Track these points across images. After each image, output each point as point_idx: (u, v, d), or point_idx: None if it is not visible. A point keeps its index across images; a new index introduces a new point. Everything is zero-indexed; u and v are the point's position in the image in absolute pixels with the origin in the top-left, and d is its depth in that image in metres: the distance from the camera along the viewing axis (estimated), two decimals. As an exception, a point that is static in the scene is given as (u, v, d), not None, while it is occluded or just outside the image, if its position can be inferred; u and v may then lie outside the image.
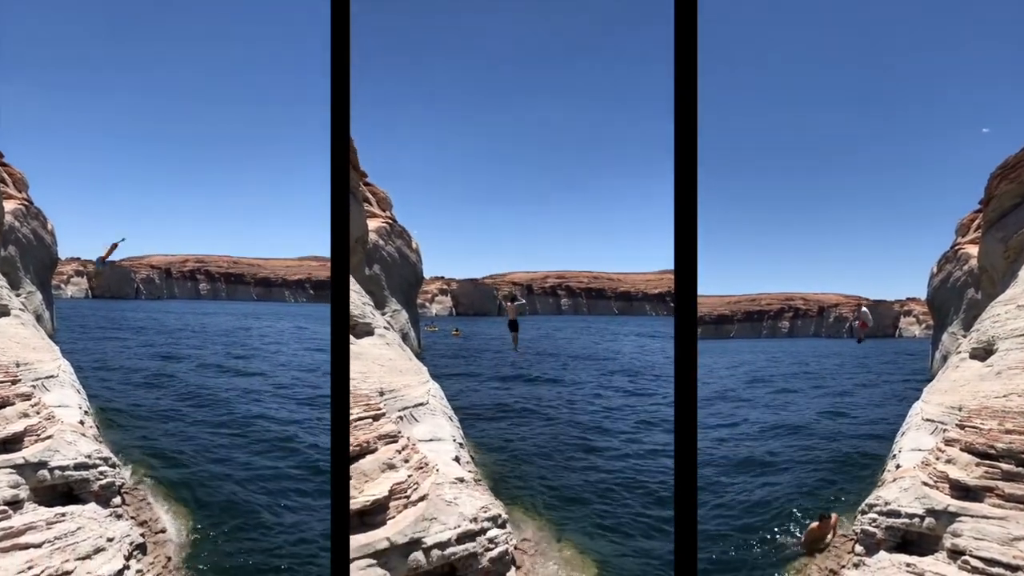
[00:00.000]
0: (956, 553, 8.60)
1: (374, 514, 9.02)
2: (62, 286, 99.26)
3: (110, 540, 9.19)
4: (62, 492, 10.10)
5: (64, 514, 9.30)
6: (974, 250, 26.76)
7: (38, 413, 11.21)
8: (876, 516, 9.83)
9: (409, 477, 9.95)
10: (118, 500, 10.73)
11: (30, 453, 10.04)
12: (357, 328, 15.64)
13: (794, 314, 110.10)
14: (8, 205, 27.60)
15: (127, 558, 9.20)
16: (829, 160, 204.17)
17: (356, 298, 16.82)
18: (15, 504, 9.06)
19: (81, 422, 12.53)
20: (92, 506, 10.03)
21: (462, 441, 13.86)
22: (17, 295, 23.48)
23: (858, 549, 9.92)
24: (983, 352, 14.01)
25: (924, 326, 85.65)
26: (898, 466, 11.75)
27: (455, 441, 13.07)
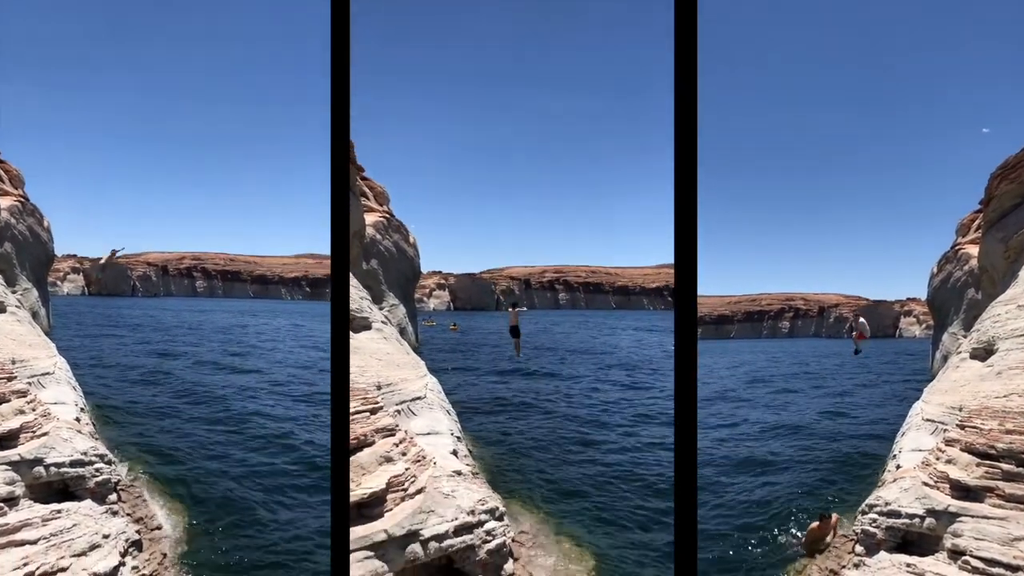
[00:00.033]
0: (956, 553, 8.57)
1: (372, 506, 8.99)
2: (58, 283, 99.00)
3: (106, 537, 9.14)
4: (58, 489, 10.05)
5: (60, 511, 9.24)
6: (974, 250, 26.76)
7: (34, 410, 11.15)
8: (876, 516, 9.79)
9: (407, 470, 9.92)
10: (114, 497, 10.68)
11: (26, 450, 9.99)
12: (355, 322, 15.61)
13: (794, 314, 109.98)
14: (4, 202, 27.48)
15: (123, 555, 9.15)
16: (829, 160, 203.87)
17: (354, 292, 16.78)
18: (11, 501, 9.01)
19: (77, 419, 12.48)
20: (88, 503, 9.97)
21: (460, 435, 13.84)
22: (13, 292, 23.38)
23: (858, 549, 9.88)
24: (983, 352, 13.99)
25: (924, 326, 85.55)
26: (898, 466, 11.72)
27: (453, 435, 13.06)
